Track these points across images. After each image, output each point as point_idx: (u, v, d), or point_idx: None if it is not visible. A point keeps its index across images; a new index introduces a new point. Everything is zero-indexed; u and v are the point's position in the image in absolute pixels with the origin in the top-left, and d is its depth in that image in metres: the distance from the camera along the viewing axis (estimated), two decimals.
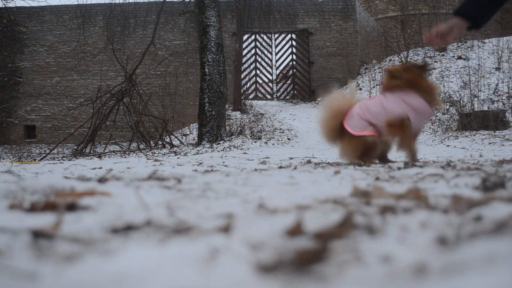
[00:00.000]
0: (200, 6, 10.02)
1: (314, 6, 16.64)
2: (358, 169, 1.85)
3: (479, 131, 8.23)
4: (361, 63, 16.87)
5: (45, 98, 15.92)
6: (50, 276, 0.49)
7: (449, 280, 0.47)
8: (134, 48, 15.98)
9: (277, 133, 10.72)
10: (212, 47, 9.91)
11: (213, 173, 1.79)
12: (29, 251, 0.58)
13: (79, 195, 1.00)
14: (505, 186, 1.12)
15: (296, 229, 0.66)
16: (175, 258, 0.53)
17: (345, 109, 2.96)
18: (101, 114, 10.56)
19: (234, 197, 1.07)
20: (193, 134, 11.66)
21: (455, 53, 14.38)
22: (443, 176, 1.45)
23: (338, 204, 0.92)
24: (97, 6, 16.46)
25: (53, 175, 2.53)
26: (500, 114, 8.69)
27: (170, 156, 7.13)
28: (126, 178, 1.45)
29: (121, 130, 13.50)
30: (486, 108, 10.21)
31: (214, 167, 3.39)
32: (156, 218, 0.78)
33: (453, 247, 0.58)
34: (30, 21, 16.10)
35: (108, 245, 0.62)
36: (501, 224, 0.65)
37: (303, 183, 1.37)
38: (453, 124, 9.18)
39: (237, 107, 13.65)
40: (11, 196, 1.05)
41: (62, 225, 0.72)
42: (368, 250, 0.58)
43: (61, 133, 15.25)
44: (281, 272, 0.52)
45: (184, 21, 16.17)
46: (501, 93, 11.24)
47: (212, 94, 9.78)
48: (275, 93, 17.25)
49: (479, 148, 6.33)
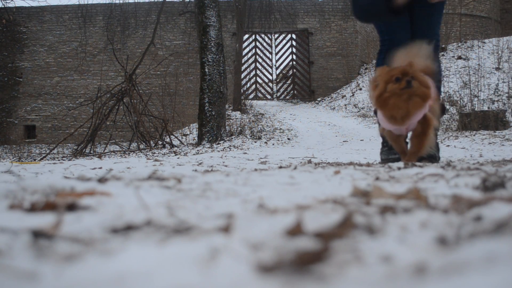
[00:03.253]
0: (200, 6, 10.03)
1: (314, 6, 16.64)
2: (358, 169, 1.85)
3: (479, 131, 8.23)
4: (361, 63, 16.88)
5: (45, 98, 15.93)
6: (50, 276, 0.49)
7: (449, 280, 0.47)
8: (134, 48, 15.98)
9: (277, 133, 10.73)
10: (212, 47, 9.91)
11: (213, 173, 1.79)
12: (29, 251, 0.58)
13: (79, 195, 1.00)
14: (505, 186, 1.12)
15: (296, 229, 0.66)
16: (175, 258, 0.53)
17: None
18: (101, 114, 10.57)
19: (234, 197, 1.08)
20: (193, 134, 11.66)
21: (455, 53, 14.39)
22: (443, 176, 1.45)
23: (338, 204, 0.92)
24: (97, 6, 16.46)
25: (53, 175, 2.53)
26: (500, 114, 8.69)
27: (170, 156, 7.13)
28: (126, 178, 1.45)
29: (121, 130, 13.50)
30: (486, 108, 10.21)
31: (214, 167, 3.39)
32: (156, 218, 0.78)
33: (453, 247, 0.58)
34: (30, 21, 16.11)
35: (108, 245, 0.62)
36: (501, 224, 0.65)
37: (303, 183, 1.37)
38: (453, 124, 9.19)
39: (237, 107, 13.65)
40: (11, 196, 1.05)
41: (62, 225, 0.72)
42: (368, 250, 0.58)
43: (61, 133, 15.26)
44: (281, 272, 0.52)
45: (184, 21, 16.17)
46: (501, 93, 11.25)
47: (212, 94, 9.78)
48: (275, 93, 17.26)
49: (479, 148, 6.33)
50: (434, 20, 3.13)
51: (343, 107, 14.44)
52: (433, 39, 2.99)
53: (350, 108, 14.14)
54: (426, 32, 3.00)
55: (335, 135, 10.18)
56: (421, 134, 2.57)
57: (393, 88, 2.43)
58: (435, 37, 3.12)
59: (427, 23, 3.10)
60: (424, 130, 2.56)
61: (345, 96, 15.17)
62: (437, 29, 3.17)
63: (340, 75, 16.49)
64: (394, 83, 2.42)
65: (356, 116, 12.96)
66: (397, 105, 2.44)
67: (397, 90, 2.42)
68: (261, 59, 17.04)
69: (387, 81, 2.45)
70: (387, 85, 2.45)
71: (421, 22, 3.09)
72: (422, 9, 3.06)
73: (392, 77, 2.43)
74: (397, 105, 2.43)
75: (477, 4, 18.03)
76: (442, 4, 3.15)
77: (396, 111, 2.46)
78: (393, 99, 2.43)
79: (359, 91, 14.92)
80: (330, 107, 14.93)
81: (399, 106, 2.43)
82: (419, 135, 2.58)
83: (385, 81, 2.46)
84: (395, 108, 2.45)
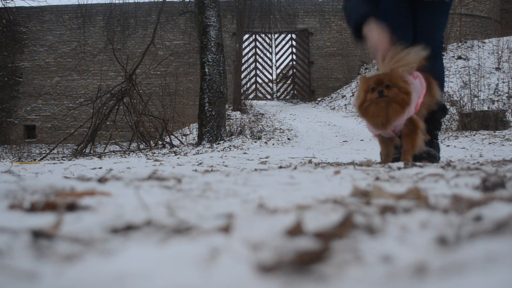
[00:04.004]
0: (200, 6, 10.03)
1: (314, 6, 16.65)
2: (358, 169, 1.85)
3: (479, 131, 8.23)
4: (361, 63, 16.88)
5: (45, 98, 15.93)
6: (50, 276, 0.49)
7: (449, 280, 0.47)
8: (134, 48, 15.98)
9: (277, 133, 10.73)
10: (212, 47, 9.92)
11: (213, 173, 1.79)
12: (29, 251, 0.58)
13: (79, 195, 1.00)
14: (505, 186, 1.12)
15: (296, 229, 0.66)
16: (175, 258, 0.53)
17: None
18: (101, 114, 10.57)
19: (234, 197, 1.08)
20: (193, 134, 11.67)
21: (455, 53, 14.38)
22: (443, 176, 1.45)
23: (338, 204, 0.92)
24: (97, 6, 16.46)
25: (53, 175, 2.53)
26: (500, 114, 8.69)
27: (170, 156, 7.13)
28: (126, 178, 1.45)
29: (121, 130, 13.50)
30: (486, 108, 10.21)
31: (214, 167, 3.39)
32: (156, 218, 0.78)
33: (453, 247, 0.58)
34: (30, 21, 16.11)
35: (108, 245, 0.62)
36: (501, 224, 0.65)
37: (303, 183, 1.37)
38: (453, 124, 9.19)
39: (237, 107, 13.66)
40: (11, 196, 1.05)
41: (62, 225, 0.72)
42: (368, 250, 0.58)
43: (61, 133, 15.26)
44: (281, 272, 0.52)
45: (184, 21, 16.17)
46: (501, 93, 11.25)
47: (212, 94, 9.78)
48: (275, 93, 17.26)
49: (479, 148, 6.33)
50: (437, 22, 3.11)
51: (343, 107, 14.44)
52: (434, 41, 2.99)
53: (350, 108, 14.14)
54: (427, 35, 3.00)
55: (335, 135, 10.18)
56: (409, 134, 2.66)
57: (371, 97, 2.55)
58: (438, 39, 3.10)
59: (431, 24, 3.09)
60: (411, 131, 2.65)
61: (345, 96, 15.17)
62: (441, 31, 3.15)
63: (340, 75, 16.49)
64: (371, 92, 2.55)
65: (356, 116, 12.96)
66: (376, 113, 2.56)
67: (374, 99, 2.54)
68: (261, 59, 17.04)
69: (365, 90, 2.57)
70: (366, 94, 2.57)
71: (424, 23, 3.08)
72: (426, 10, 3.05)
73: (369, 86, 2.55)
74: (376, 113, 2.56)
75: (477, 4, 18.03)
76: (448, 6, 3.12)
77: (376, 118, 2.58)
78: (372, 107, 2.56)
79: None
80: (330, 107, 14.93)
81: (378, 114, 2.55)
82: (407, 136, 2.68)
83: (364, 90, 2.58)
84: (375, 116, 2.57)
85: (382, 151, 2.89)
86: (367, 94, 2.56)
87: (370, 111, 2.57)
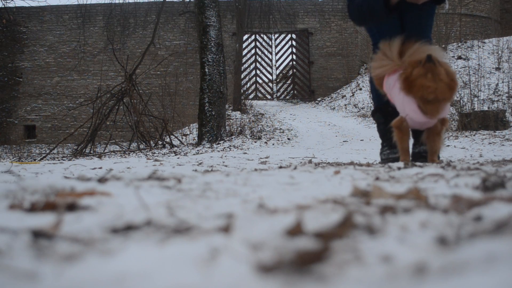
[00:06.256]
0: (200, 6, 10.03)
1: (314, 6, 16.64)
2: (358, 169, 1.85)
3: (479, 131, 8.23)
4: (361, 63, 16.88)
5: (45, 98, 15.93)
6: (50, 276, 0.49)
7: (449, 280, 0.47)
8: (134, 48, 15.98)
9: (277, 133, 10.72)
10: (212, 47, 9.91)
11: (213, 173, 1.79)
12: (29, 251, 0.58)
13: (79, 195, 1.00)
14: (505, 186, 1.12)
15: (296, 229, 0.66)
16: (175, 258, 0.53)
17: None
18: (101, 114, 10.56)
19: (234, 197, 1.08)
20: (193, 134, 11.66)
21: (455, 53, 14.38)
22: (443, 176, 1.45)
23: (338, 204, 0.92)
24: (97, 6, 16.46)
25: (53, 175, 2.53)
26: (500, 114, 8.69)
27: (170, 156, 7.13)
28: (126, 178, 1.45)
29: (121, 130, 13.50)
30: (486, 108, 10.21)
31: (214, 167, 3.39)
32: (156, 218, 0.78)
33: (453, 247, 0.58)
34: (30, 21, 16.11)
35: (108, 245, 0.62)
36: (501, 224, 0.65)
37: (303, 183, 1.37)
38: (453, 124, 9.18)
39: (237, 107, 13.65)
40: (11, 196, 1.05)
41: (62, 225, 0.72)
42: (368, 250, 0.58)
43: (61, 133, 15.25)
44: (281, 272, 0.52)
45: (184, 21, 16.17)
46: (501, 93, 11.25)
47: (212, 94, 9.78)
48: (275, 93, 17.26)
49: (479, 148, 6.33)
50: (424, 23, 3.15)
51: (343, 107, 14.44)
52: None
53: (350, 108, 14.14)
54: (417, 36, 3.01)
55: (335, 135, 10.18)
56: (439, 133, 2.60)
57: (418, 72, 2.41)
58: (427, 40, 3.13)
59: (419, 26, 3.12)
60: (441, 130, 2.60)
61: (345, 96, 15.17)
62: (428, 32, 3.19)
63: (340, 75, 16.49)
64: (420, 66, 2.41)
65: (356, 116, 12.96)
66: (425, 86, 2.40)
67: (422, 71, 2.41)
68: (261, 59, 17.04)
69: (413, 65, 2.46)
70: (413, 69, 2.45)
71: (412, 25, 3.12)
72: (413, 13, 3.08)
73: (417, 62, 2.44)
74: (425, 85, 2.40)
75: (477, 4, 18.02)
76: (433, 8, 3.17)
77: (426, 92, 2.42)
78: (420, 80, 2.42)
79: (359, 91, 14.92)
80: (330, 107, 14.93)
81: (429, 87, 2.40)
82: (437, 134, 2.60)
83: (412, 65, 2.46)
84: (424, 90, 2.41)
85: (400, 147, 2.75)
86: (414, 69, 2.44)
87: (417, 83, 2.41)
